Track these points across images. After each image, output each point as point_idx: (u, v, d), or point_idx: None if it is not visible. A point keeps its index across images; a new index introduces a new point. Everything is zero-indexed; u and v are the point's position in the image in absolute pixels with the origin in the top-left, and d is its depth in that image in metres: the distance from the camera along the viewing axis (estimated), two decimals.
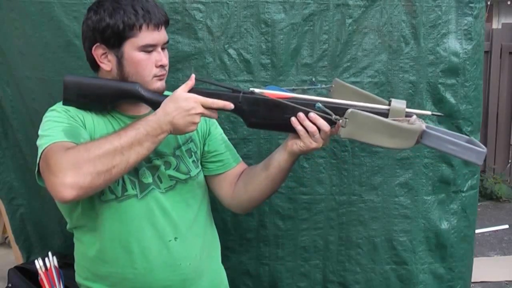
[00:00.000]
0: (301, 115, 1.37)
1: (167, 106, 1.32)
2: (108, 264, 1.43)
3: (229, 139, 1.81)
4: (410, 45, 1.86)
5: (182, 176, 1.48)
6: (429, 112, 1.44)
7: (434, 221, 1.95)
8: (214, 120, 1.58)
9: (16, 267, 2.11)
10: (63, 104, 1.42)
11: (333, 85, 1.46)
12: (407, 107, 1.37)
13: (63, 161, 1.23)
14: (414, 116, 1.36)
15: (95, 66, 1.44)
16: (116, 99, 1.41)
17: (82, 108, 1.42)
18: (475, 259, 2.11)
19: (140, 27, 1.36)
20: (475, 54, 1.90)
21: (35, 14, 1.80)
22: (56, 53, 1.83)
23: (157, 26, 1.38)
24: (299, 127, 1.37)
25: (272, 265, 1.96)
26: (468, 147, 1.31)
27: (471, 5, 1.87)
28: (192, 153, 1.53)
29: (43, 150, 1.29)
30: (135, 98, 1.40)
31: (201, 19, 1.81)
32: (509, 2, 10.12)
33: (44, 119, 1.38)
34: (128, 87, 1.40)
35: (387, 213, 1.93)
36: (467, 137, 1.40)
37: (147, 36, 1.37)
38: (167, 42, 1.44)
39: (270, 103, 1.39)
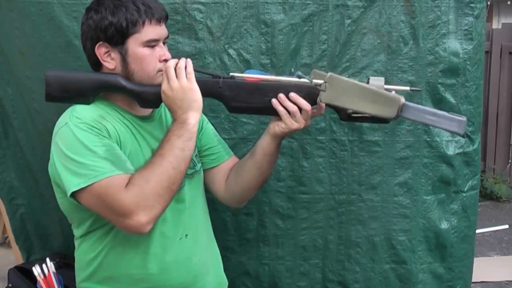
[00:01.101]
0: (281, 95, 1.39)
1: (178, 101, 1.35)
2: (121, 265, 1.42)
3: (229, 138, 1.83)
4: (409, 45, 1.86)
5: (189, 171, 1.48)
6: (407, 88, 1.45)
7: (434, 221, 1.95)
8: (205, 117, 1.63)
9: (16, 267, 2.11)
10: (47, 100, 1.42)
11: (312, 75, 1.43)
12: None
13: (130, 203, 1.27)
14: (393, 92, 1.37)
15: (97, 66, 1.44)
16: (98, 91, 1.41)
17: (65, 102, 1.42)
18: (475, 259, 2.11)
19: (143, 23, 1.37)
20: (476, 54, 1.90)
21: (35, 14, 1.80)
22: (56, 53, 1.83)
23: (159, 21, 1.39)
24: (280, 108, 1.39)
25: (272, 264, 1.96)
26: (448, 117, 1.33)
27: (471, 5, 1.88)
28: (195, 148, 1.53)
29: (91, 184, 1.28)
30: (117, 89, 1.40)
31: (202, 20, 1.82)
32: (509, 2, 10.12)
33: (69, 137, 1.33)
34: (109, 78, 1.40)
35: (386, 212, 1.93)
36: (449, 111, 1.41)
37: (150, 31, 1.38)
38: (168, 37, 1.45)
39: (250, 86, 1.41)
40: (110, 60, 1.41)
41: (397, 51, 1.86)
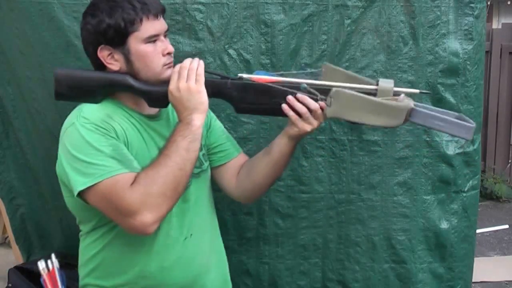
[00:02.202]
0: (290, 98, 1.40)
1: (184, 102, 1.36)
2: (123, 262, 1.43)
3: None
4: (409, 45, 1.86)
5: (196, 170, 1.47)
6: (417, 91, 1.45)
7: (434, 220, 1.96)
8: (213, 114, 1.63)
9: (16, 267, 2.11)
10: (56, 98, 1.42)
11: (323, 69, 1.46)
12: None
13: (135, 202, 1.27)
14: (402, 95, 1.37)
15: (103, 69, 1.44)
16: (107, 90, 1.41)
17: (74, 101, 1.42)
18: (475, 259, 2.11)
19: (141, 20, 1.36)
20: (476, 54, 1.90)
21: (35, 14, 1.81)
22: (56, 53, 1.83)
23: (156, 16, 1.39)
24: (290, 113, 1.41)
25: (272, 263, 1.96)
26: (456, 123, 1.32)
27: (471, 5, 1.88)
28: (202, 147, 1.54)
29: (97, 183, 1.29)
30: (125, 88, 1.40)
31: (202, 20, 1.82)
32: (509, 2, 10.12)
33: (76, 137, 1.33)
34: (118, 77, 1.40)
35: (386, 212, 1.93)
36: (456, 113, 1.41)
37: (149, 27, 1.38)
38: (167, 29, 1.44)
39: (258, 88, 1.42)
40: (114, 62, 1.40)
41: (397, 51, 1.87)
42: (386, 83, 1.37)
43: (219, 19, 1.82)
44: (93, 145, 1.31)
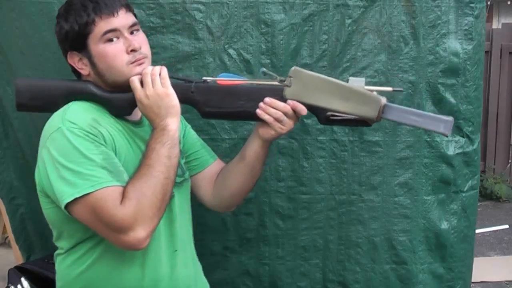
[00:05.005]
0: (262, 105, 1.35)
1: (155, 108, 1.31)
2: (114, 279, 1.34)
3: (229, 138, 1.82)
4: (410, 45, 1.86)
5: (178, 179, 1.41)
6: (390, 88, 1.41)
7: (434, 221, 1.95)
8: (187, 122, 1.58)
9: (16, 267, 2.11)
10: (18, 109, 1.38)
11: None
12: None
13: (127, 217, 1.20)
14: (375, 93, 1.32)
15: (77, 74, 1.41)
16: (69, 99, 1.36)
17: (36, 111, 1.39)
18: (475, 259, 2.11)
19: (94, 21, 1.31)
20: (476, 54, 1.90)
21: (35, 14, 1.80)
22: (56, 53, 1.81)
23: (111, 13, 1.32)
24: (266, 117, 1.36)
25: (272, 264, 1.96)
26: (433, 117, 1.27)
27: (471, 5, 1.88)
28: (182, 155, 1.49)
29: (86, 195, 1.21)
30: (88, 96, 1.36)
31: (201, 20, 1.81)
32: (509, 2, 10.13)
33: (63, 143, 1.25)
34: (80, 85, 1.37)
35: (387, 212, 1.93)
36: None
37: (103, 26, 1.32)
38: (135, 24, 1.37)
39: (223, 90, 1.38)
40: (84, 66, 1.37)
41: (398, 51, 1.86)
42: (356, 82, 1.32)
43: (219, 18, 1.82)
44: (82, 152, 1.23)
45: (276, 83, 1.36)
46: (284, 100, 1.35)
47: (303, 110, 1.35)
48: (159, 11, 1.78)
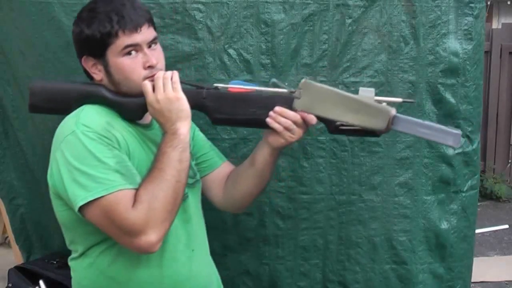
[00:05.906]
0: (272, 114, 1.37)
1: (166, 112, 1.32)
2: (133, 281, 1.35)
3: (229, 139, 1.82)
4: (410, 45, 1.86)
5: (191, 180, 1.43)
6: (400, 99, 1.41)
7: (434, 221, 1.95)
8: (195, 125, 1.59)
9: (16, 267, 2.11)
10: (30, 111, 1.39)
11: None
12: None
13: (139, 221, 1.22)
14: (384, 104, 1.33)
15: (91, 77, 1.42)
16: (81, 102, 1.37)
17: (49, 113, 1.40)
18: (475, 259, 2.11)
19: (117, 34, 1.32)
20: (476, 54, 1.90)
21: (35, 14, 1.80)
22: (56, 53, 1.83)
23: (135, 29, 1.33)
24: (276, 125, 1.37)
25: (272, 264, 1.96)
26: (442, 129, 1.28)
27: (471, 5, 1.88)
28: (192, 157, 1.51)
29: (99, 198, 1.23)
30: (100, 100, 1.37)
31: (201, 19, 1.81)
32: (509, 2, 10.12)
33: (77, 147, 1.27)
34: (93, 89, 1.38)
35: (387, 212, 1.93)
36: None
37: (125, 40, 1.33)
38: (155, 38, 1.39)
39: (234, 97, 1.39)
40: (97, 72, 1.39)
41: (398, 51, 1.86)
42: (366, 92, 1.33)
43: (219, 18, 1.82)
44: (96, 156, 1.25)
45: (281, 90, 1.38)
46: (294, 109, 1.37)
47: (313, 120, 1.37)
48: (159, 11, 1.78)
